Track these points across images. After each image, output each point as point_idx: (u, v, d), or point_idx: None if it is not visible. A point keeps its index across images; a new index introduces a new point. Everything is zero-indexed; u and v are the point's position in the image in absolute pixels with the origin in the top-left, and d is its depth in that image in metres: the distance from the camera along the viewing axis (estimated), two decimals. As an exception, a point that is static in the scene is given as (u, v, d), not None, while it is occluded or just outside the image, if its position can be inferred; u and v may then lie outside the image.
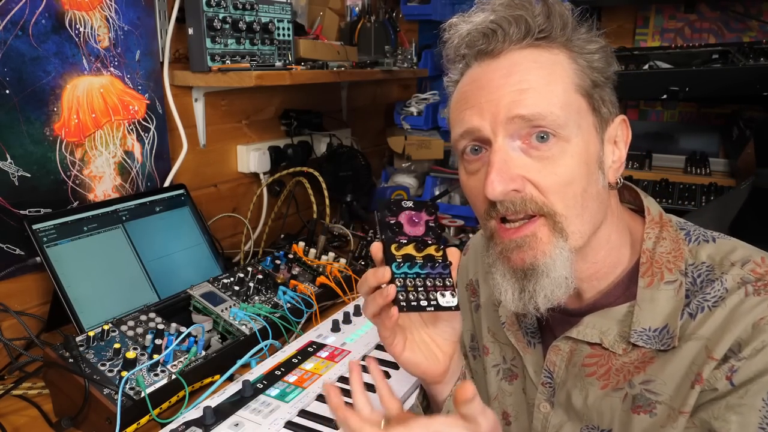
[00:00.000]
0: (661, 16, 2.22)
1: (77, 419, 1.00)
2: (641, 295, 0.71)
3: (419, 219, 0.73)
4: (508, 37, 0.69)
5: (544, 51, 0.70)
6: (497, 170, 0.67)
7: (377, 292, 0.70)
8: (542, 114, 0.67)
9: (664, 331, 0.69)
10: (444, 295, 0.69)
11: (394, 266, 0.69)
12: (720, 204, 1.70)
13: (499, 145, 0.68)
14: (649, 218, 0.76)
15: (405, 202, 0.73)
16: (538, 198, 0.68)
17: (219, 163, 1.78)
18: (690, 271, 0.71)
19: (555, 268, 0.69)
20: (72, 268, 1.24)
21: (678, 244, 0.73)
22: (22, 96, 1.23)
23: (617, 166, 0.75)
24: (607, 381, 0.73)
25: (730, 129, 2.09)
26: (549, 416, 0.79)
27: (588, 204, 0.70)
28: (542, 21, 0.69)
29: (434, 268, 0.71)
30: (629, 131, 0.76)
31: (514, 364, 0.88)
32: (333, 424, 0.98)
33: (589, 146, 0.70)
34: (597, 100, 0.71)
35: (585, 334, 0.74)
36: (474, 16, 0.72)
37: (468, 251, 1.02)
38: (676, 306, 0.69)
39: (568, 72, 0.70)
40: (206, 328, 1.23)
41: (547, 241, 0.68)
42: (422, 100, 2.37)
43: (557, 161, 0.68)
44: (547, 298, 0.70)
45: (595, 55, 0.71)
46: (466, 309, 0.99)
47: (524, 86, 0.67)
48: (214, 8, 1.49)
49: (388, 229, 0.71)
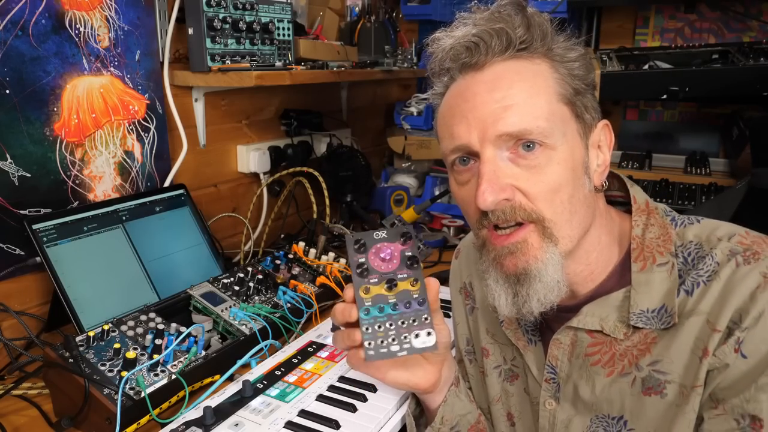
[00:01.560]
0: (661, 16, 2.22)
1: (77, 419, 1.00)
2: (636, 279, 0.73)
3: (392, 252, 0.70)
4: (490, 49, 0.71)
5: (526, 62, 0.72)
6: (487, 181, 0.69)
7: (345, 332, 0.71)
8: (528, 129, 0.69)
9: (662, 311, 0.71)
10: (419, 336, 0.68)
11: (362, 312, 0.67)
12: (715, 204, 1.70)
13: (487, 157, 0.70)
14: (636, 206, 0.78)
15: (377, 233, 0.70)
16: (527, 205, 0.70)
17: (219, 163, 1.78)
18: (680, 252, 0.73)
19: (547, 273, 0.71)
20: (72, 268, 1.24)
21: (666, 228, 0.76)
22: (22, 96, 1.23)
23: (602, 169, 0.77)
24: (612, 368, 0.74)
25: (730, 129, 2.09)
26: (556, 412, 0.79)
27: (576, 209, 0.72)
28: (522, 32, 0.71)
29: (409, 306, 0.68)
30: (612, 135, 0.78)
31: (515, 365, 0.88)
32: (333, 423, 0.98)
33: (575, 152, 0.72)
34: (579, 107, 0.73)
35: (585, 322, 0.75)
36: (456, 31, 0.74)
37: (460, 254, 1.02)
38: (671, 286, 0.71)
39: (550, 82, 0.72)
40: (206, 328, 1.23)
41: (538, 246, 0.70)
42: (422, 100, 2.37)
43: (544, 169, 0.70)
44: (540, 302, 0.72)
45: (575, 63, 0.73)
46: (461, 313, 0.99)
47: (508, 102, 0.69)
48: (214, 8, 1.49)
49: (356, 269, 0.68)
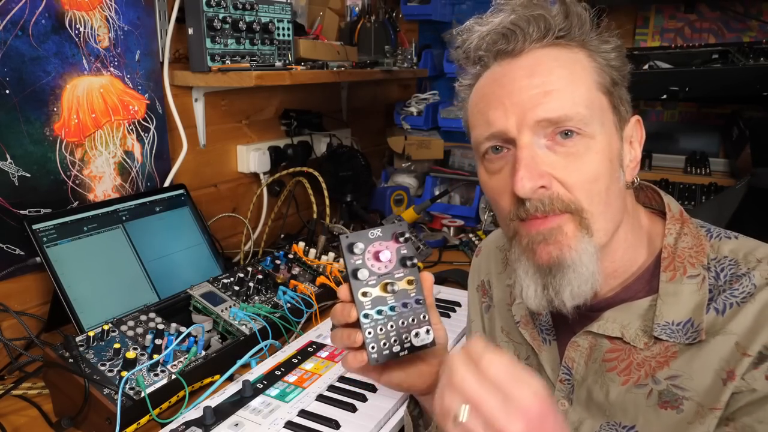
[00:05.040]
0: (661, 16, 2.22)
1: (77, 419, 1.00)
2: (664, 289, 0.71)
3: (388, 251, 0.68)
4: (528, 36, 0.69)
5: (564, 49, 0.70)
6: (525, 167, 0.67)
7: (345, 332, 0.70)
8: (569, 116, 0.67)
9: (688, 325, 0.69)
10: (418, 334, 0.68)
11: (363, 316, 0.66)
12: (715, 204, 1.70)
13: (525, 142, 0.68)
14: (670, 215, 0.76)
15: (371, 233, 0.68)
16: (564, 195, 0.68)
17: (219, 163, 1.78)
18: (713, 265, 0.71)
19: (582, 263, 0.68)
20: (72, 268, 1.24)
21: (699, 240, 0.73)
22: (22, 96, 1.23)
23: (633, 165, 0.75)
24: (628, 376, 0.72)
25: (730, 129, 2.09)
26: (567, 413, 0.78)
27: (611, 201, 0.70)
28: (561, 20, 0.70)
29: (407, 306, 0.68)
30: (643, 132, 0.77)
31: (528, 363, 0.87)
32: (333, 423, 0.98)
33: (612, 143, 0.71)
34: (616, 98, 0.72)
35: (606, 328, 0.74)
36: (492, 17, 0.72)
37: (480, 252, 1.01)
38: (700, 300, 0.69)
39: (589, 70, 0.70)
40: (206, 328, 1.23)
41: (572, 235, 0.68)
42: (422, 100, 2.37)
43: (582, 158, 0.68)
44: (573, 294, 0.69)
45: (611, 54, 0.72)
46: (477, 311, 0.99)
47: (548, 87, 0.67)
48: (214, 8, 1.49)
49: (353, 272, 0.67)
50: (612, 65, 0.71)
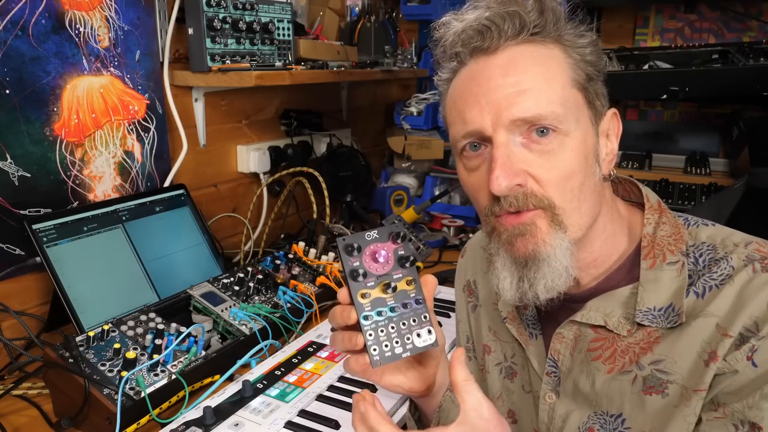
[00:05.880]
0: (661, 16, 2.22)
1: (77, 419, 1.00)
2: (644, 276, 0.72)
3: (385, 252, 0.68)
4: (503, 32, 0.70)
5: (539, 46, 0.71)
6: (501, 165, 0.68)
7: (345, 334, 0.69)
8: (543, 114, 0.68)
9: (669, 309, 0.70)
10: (420, 335, 0.67)
11: (363, 318, 0.66)
12: (713, 204, 1.70)
13: (501, 141, 0.69)
14: (648, 205, 0.78)
15: (368, 234, 0.68)
16: (537, 191, 0.69)
17: (219, 163, 1.78)
18: (691, 251, 0.72)
19: (556, 257, 0.69)
20: (72, 268, 1.24)
21: (678, 228, 0.75)
22: (22, 96, 1.23)
23: (610, 158, 0.76)
24: (613, 364, 0.73)
25: (730, 129, 2.09)
26: (555, 406, 0.79)
27: (585, 197, 0.71)
28: (536, 16, 0.70)
29: (407, 307, 0.68)
30: (620, 124, 0.77)
31: (514, 362, 0.88)
32: (333, 423, 0.98)
33: (587, 139, 0.71)
34: (591, 94, 0.72)
35: (589, 317, 0.75)
36: (467, 14, 0.73)
37: (466, 253, 1.02)
38: (680, 285, 0.70)
39: (564, 67, 0.70)
40: (206, 328, 1.23)
41: (546, 231, 0.69)
42: (422, 100, 2.37)
43: (557, 155, 0.69)
44: (546, 287, 0.70)
45: (587, 49, 0.72)
46: (463, 311, 0.99)
47: (523, 86, 0.68)
48: (214, 8, 1.49)
49: (351, 274, 0.67)
50: (587, 60, 0.72)
